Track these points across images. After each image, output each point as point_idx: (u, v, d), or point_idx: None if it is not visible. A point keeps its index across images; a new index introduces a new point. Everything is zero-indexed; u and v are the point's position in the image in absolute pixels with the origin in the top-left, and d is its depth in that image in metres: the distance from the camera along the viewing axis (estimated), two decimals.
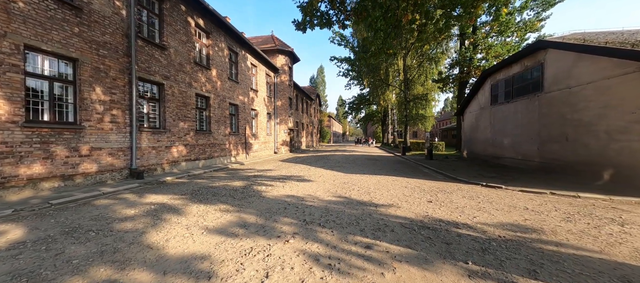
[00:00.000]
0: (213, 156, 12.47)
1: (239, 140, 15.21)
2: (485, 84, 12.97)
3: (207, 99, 12.27)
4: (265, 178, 7.99)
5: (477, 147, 13.91)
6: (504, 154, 11.23)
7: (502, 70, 11.48)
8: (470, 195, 5.57)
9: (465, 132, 15.42)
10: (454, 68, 18.62)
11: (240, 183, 7.05)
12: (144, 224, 3.63)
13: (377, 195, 5.54)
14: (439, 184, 7.07)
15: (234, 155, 14.42)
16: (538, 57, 9.11)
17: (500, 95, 11.65)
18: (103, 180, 7.22)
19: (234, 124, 15.12)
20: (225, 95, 13.69)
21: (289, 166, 11.90)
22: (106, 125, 7.31)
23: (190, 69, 10.82)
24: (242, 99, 15.57)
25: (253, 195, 5.49)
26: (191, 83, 10.92)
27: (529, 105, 9.57)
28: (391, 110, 33.74)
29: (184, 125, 10.42)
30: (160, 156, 9.22)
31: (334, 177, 8.30)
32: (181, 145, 10.29)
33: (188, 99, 10.70)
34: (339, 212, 4.33)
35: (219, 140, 13.04)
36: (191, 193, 5.80)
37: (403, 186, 6.68)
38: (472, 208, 4.58)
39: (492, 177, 8.08)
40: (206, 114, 12.32)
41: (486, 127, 12.81)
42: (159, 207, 4.60)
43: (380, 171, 9.98)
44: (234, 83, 14.62)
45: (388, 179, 7.85)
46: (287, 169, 10.53)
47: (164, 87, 9.44)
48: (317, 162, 13.68)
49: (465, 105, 15.28)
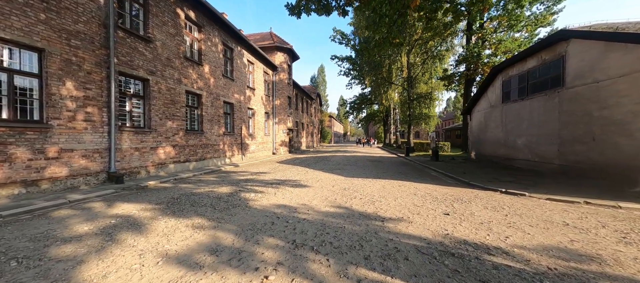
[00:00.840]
0: (205, 157, 11.71)
1: (235, 141, 14.45)
2: (495, 81, 12.14)
3: (199, 97, 11.51)
4: (257, 183, 7.20)
5: (486, 147, 13.06)
6: (517, 156, 10.38)
7: (515, 66, 10.64)
8: (492, 205, 4.75)
9: (473, 132, 14.57)
10: (460, 65, 17.78)
11: (227, 189, 6.27)
12: (88, 248, 2.85)
13: (382, 205, 4.74)
14: (452, 190, 6.26)
15: (228, 157, 13.66)
16: (558, 50, 8.28)
17: (513, 92, 10.81)
18: (75, 186, 6.46)
19: (229, 123, 14.36)
20: (219, 93, 12.93)
21: (286, 168, 11.12)
22: (79, 124, 6.56)
23: (179, 64, 10.07)
24: (237, 97, 14.81)
25: (238, 205, 4.71)
26: (181, 79, 10.16)
27: (547, 103, 8.74)
28: (393, 109, 32.91)
29: (172, 125, 9.66)
30: (144, 158, 8.46)
31: (334, 181, 7.50)
32: (169, 146, 9.53)
33: (177, 96, 9.95)
34: (338, 228, 3.54)
35: (212, 140, 12.28)
36: (168, 202, 5.02)
37: (411, 193, 5.87)
38: (500, 223, 3.77)
39: (509, 182, 7.25)
40: (198, 113, 11.56)
41: (497, 127, 11.96)
42: (120, 221, 3.83)
43: (384, 174, 9.18)
44: (228, 80, 13.87)
45: (394, 184, 7.04)
46: (283, 172, 9.74)
47: (149, 83, 8.68)
48: (316, 164, 12.89)
49: (473, 103, 14.44)
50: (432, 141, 14.80)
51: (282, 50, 21.12)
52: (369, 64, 22.26)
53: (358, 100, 40.89)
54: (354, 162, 14.20)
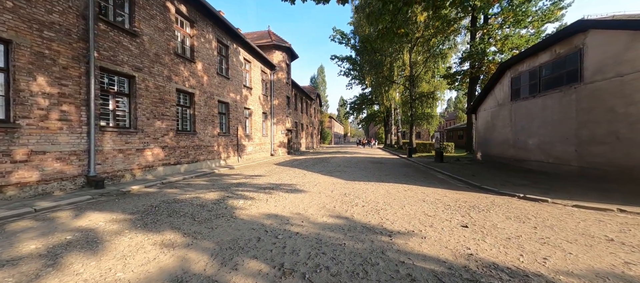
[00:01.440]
0: (198, 159, 11.11)
1: (230, 142, 13.86)
2: (503, 78, 11.53)
3: (191, 96, 10.93)
4: (250, 188, 6.59)
5: (493, 148, 12.44)
6: (528, 157, 9.76)
7: (525, 61, 10.04)
8: (515, 215, 4.13)
9: (479, 132, 13.96)
10: (464, 62, 17.19)
11: (215, 195, 5.66)
12: (18, 278, 2.24)
13: (388, 215, 4.13)
14: (464, 196, 5.65)
15: (223, 158, 13.06)
16: (575, 42, 7.68)
17: (524, 89, 10.21)
18: (48, 192, 5.86)
19: (225, 123, 13.78)
20: (214, 91, 12.35)
21: (283, 171, 10.52)
22: (53, 124, 5.97)
23: (169, 60, 9.49)
24: (233, 96, 14.23)
25: (222, 215, 4.10)
26: (171, 77, 9.58)
27: (562, 99, 8.13)
28: (394, 110, 32.31)
29: (161, 125, 9.07)
30: (129, 160, 7.86)
31: (333, 185, 6.89)
32: (157, 147, 8.93)
33: (167, 94, 9.36)
34: (337, 246, 2.93)
35: (206, 141, 11.69)
36: (145, 211, 4.41)
37: (420, 199, 5.26)
38: (531, 238, 3.16)
39: (524, 186, 6.64)
40: (190, 112, 10.97)
41: (505, 126, 11.35)
42: (79, 237, 3.23)
43: (387, 177, 8.56)
44: (224, 79, 13.29)
45: (399, 189, 6.43)
46: (279, 175, 9.14)
47: (135, 80, 8.10)
48: (315, 166, 12.28)
49: (478, 102, 13.83)
50: (436, 142, 14.19)
51: (280, 49, 20.56)
52: (369, 63, 21.69)
53: (358, 100, 40.31)
54: (355, 163, 13.58)
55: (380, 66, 19.71)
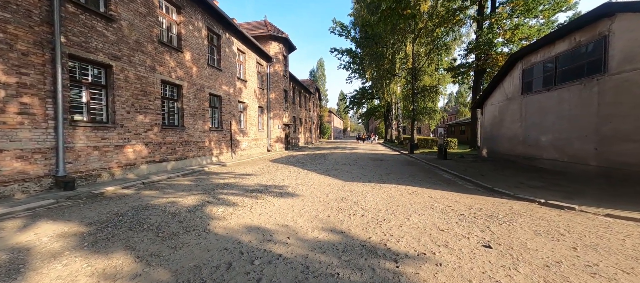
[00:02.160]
0: (187, 156, 10.42)
1: (223, 137, 13.16)
2: (514, 70, 10.78)
3: (179, 88, 10.18)
4: (236, 190, 5.92)
5: (501, 145, 11.76)
6: (541, 155, 9.09)
7: (539, 51, 9.28)
8: (544, 228, 3.47)
9: (485, 128, 13.26)
10: (469, 54, 16.36)
11: (194, 199, 4.99)
12: None
13: (392, 228, 3.46)
14: (477, 201, 4.98)
15: (215, 155, 12.38)
16: (599, 28, 6.92)
17: (537, 81, 9.47)
18: (8, 195, 5.18)
19: (217, 118, 13.05)
20: (204, 84, 11.59)
21: (277, 169, 9.85)
22: (12, 118, 5.26)
23: (152, 49, 8.71)
24: (226, 89, 13.47)
25: (194, 228, 3.43)
26: (155, 67, 8.82)
27: (582, 92, 7.41)
28: (395, 104, 31.52)
29: (144, 119, 8.35)
30: (106, 158, 7.18)
31: (329, 187, 6.22)
32: (140, 143, 8.24)
33: (150, 86, 8.62)
34: (329, 277, 2.26)
35: (196, 137, 10.98)
36: (105, 221, 3.74)
37: (428, 205, 4.59)
38: (576, 267, 2.49)
39: (541, 188, 5.97)
40: (178, 106, 10.24)
41: (514, 121, 10.65)
42: (3, 260, 2.55)
43: (389, 176, 7.90)
44: (215, 70, 12.51)
45: (402, 191, 5.76)
46: (271, 174, 8.47)
47: (112, 69, 7.35)
48: (311, 163, 11.61)
49: (485, 96, 13.09)
50: (440, 138, 13.50)
51: (277, 40, 19.68)
52: (370, 55, 20.80)
53: (358, 94, 39.41)
54: (354, 160, 12.92)
55: (381, 58, 18.87)
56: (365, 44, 20.25)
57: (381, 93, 25.22)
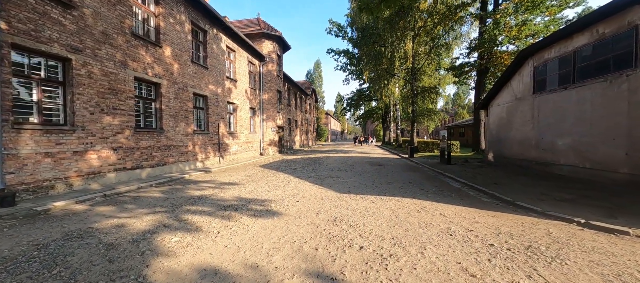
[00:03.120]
0: (167, 162, 9.40)
1: (210, 141, 12.15)
2: (524, 67, 9.95)
3: (157, 86, 9.18)
4: (208, 206, 4.94)
5: (509, 148, 10.91)
6: (557, 160, 8.22)
7: (553, 46, 8.45)
8: (612, 270, 2.53)
9: (491, 130, 12.42)
10: (472, 53, 15.58)
11: (149, 221, 4.00)
12: None
13: (404, 272, 2.51)
14: (502, 220, 4.06)
15: (200, 160, 11.36)
16: (628, 17, 6.08)
17: (551, 79, 8.63)
18: None
19: (203, 120, 12.06)
20: (187, 82, 10.61)
21: (265, 176, 8.87)
22: None
23: (123, 42, 7.73)
24: (213, 89, 12.48)
25: (124, 275, 2.44)
26: (126, 62, 7.83)
27: (607, 91, 6.56)
28: (393, 106, 30.71)
29: (112, 121, 7.35)
30: (62, 166, 6.15)
31: (321, 201, 5.26)
32: (107, 148, 7.22)
33: (121, 83, 7.62)
34: None
35: (177, 140, 9.97)
36: (11, 258, 2.75)
37: (444, 230, 3.65)
38: None
39: (568, 201, 5.08)
40: (155, 106, 9.24)
41: (525, 124, 9.80)
42: None
43: (390, 186, 6.96)
44: (200, 68, 11.53)
45: (409, 207, 4.82)
46: (257, 183, 7.48)
47: (71, 64, 6.35)
48: (304, 169, 10.64)
49: (491, 96, 12.26)
50: (442, 140, 12.62)
51: (270, 38, 18.76)
52: (368, 55, 19.91)
53: (355, 96, 38.60)
54: (351, 165, 11.97)
55: (379, 58, 18.03)
56: (362, 43, 19.40)
57: (379, 94, 24.37)
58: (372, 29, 17.69)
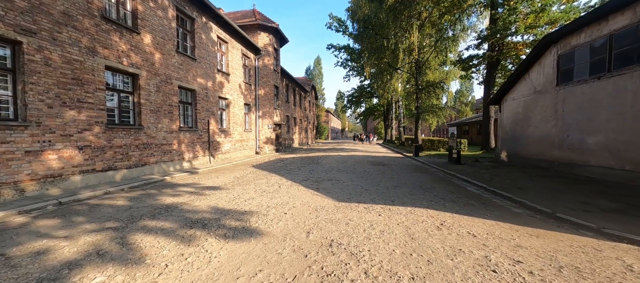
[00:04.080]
0: (146, 162, 8.44)
1: (198, 139, 11.18)
2: (544, 56, 8.92)
3: (134, 78, 8.20)
4: (171, 221, 3.97)
5: (526, 147, 9.91)
6: (586, 161, 7.23)
7: (583, 31, 7.42)
8: None
9: (505, 127, 11.40)
10: (483, 44, 14.52)
11: (85, 244, 3.05)
12: None
13: None
14: (552, 242, 3.10)
15: (188, 159, 10.40)
16: None
17: (580, 68, 7.61)
18: None
19: (191, 116, 11.08)
20: (172, 74, 9.62)
21: (255, 178, 7.91)
22: None
23: (91, 25, 6.73)
24: (202, 82, 11.49)
25: None
26: (95, 49, 6.84)
27: None
28: (396, 102, 29.67)
29: (76, 116, 6.38)
30: (10, 169, 5.19)
31: (315, 213, 4.29)
32: (71, 147, 6.26)
33: (88, 73, 6.64)
34: None
35: (159, 138, 9.01)
36: None
37: (480, 261, 2.67)
38: None
39: (618, 212, 4.11)
40: (133, 100, 8.26)
41: (546, 119, 8.79)
42: None
43: (398, 192, 5.98)
44: (187, 59, 10.53)
45: (426, 222, 3.84)
46: (243, 187, 6.52)
47: (22, 48, 5.38)
48: (301, 170, 9.66)
49: (505, 90, 11.24)
50: (451, 139, 11.62)
51: (266, 30, 17.71)
52: (369, 48, 18.81)
53: (356, 93, 37.50)
54: (352, 166, 10.99)
55: (382, 51, 16.98)
56: (364, 36, 18.33)
57: (381, 91, 23.31)
58: (374, 21, 16.61)
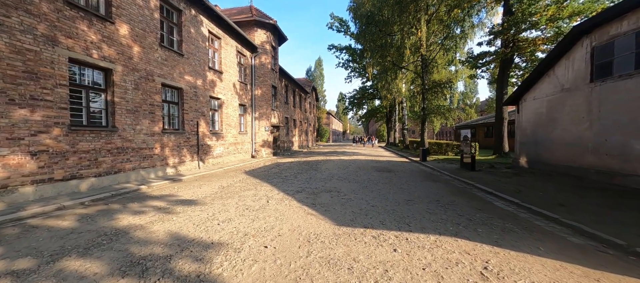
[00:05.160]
0: (121, 169, 7.42)
1: (185, 142, 10.16)
2: (574, 49, 7.84)
3: (107, 73, 7.21)
4: (105, 260, 2.94)
5: (551, 152, 8.80)
6: (634, 169, 6.11)
7: (624, 17, 6.34)
8: None
9: (524, 130, 10.30)
10: (495, 39, 13.45)
11: None
12: None
13: None
14: None
15: (173, 165, 9.37)
16: None
17: (621, 62, 6.52)
18: None
19: (178, 116, 10.07)
20: (154, 70, 8.63)
21: (240, 190, 6.85)
22: None
23: (50, 10, 5.75)
24: (191, 80, 10.50)
25: None
26: (56, 38, 5.86)
27: None
28: (400, 103, 28.58)
29: (29, 116, 5.38)
30: None
31: (307, 246, 3.23)
32: (20, 153, 5.25)
33: (46, 65, 5.65)
34: None
35: (138, 141, 8.00)
36: None
37: None
38: None
39: None
40: (106, 98, 7.26)
41: (577, 121, 7.69)
42: None
43: (413, 209, 4.90)
44: (173, 55, 9.54)
45: (461, 261, 2.79)
46: (224, 202, 5.46)
47: None
48: (296, 178, 8.60)
49: (524, 89, 10.15)
50: (464, 142, 10.53)
51: (263, 27, 16.75)
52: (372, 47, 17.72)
53: (358, 94, 36.41)
54: (354, 172, 9.91)
55: (386, 48, 15.94)
56: (366, 33, 17.30)
57: (384, 91, 22.25)
58: (377, 17, 15.60)
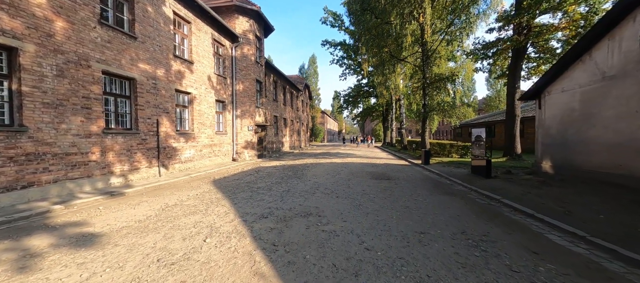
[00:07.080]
0: (35, 182, 5.56)
1: (140, 144, 8.30)
2: (622, 27, 6.21)
3: (10, 52, 5.34)
4: None
5: (587, 156, 7.19)
6: None
7: None
8: None
9: (548, 128, 8.68)
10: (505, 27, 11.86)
11: None
12: None
13: None
14: None
15: (121, 173, 7.51)
16: None
17: None
18: None
19: (130, 113, 8.21)
20: (89, 54, 6.75)
21: (182, 216, 5.05)
22: None
23: None
24: (148, 69, 8.63)
25: None
26: None
27: None
28: (397, 101, 26.97)
29: None
30: None
31: None
32: None
33: None
34: None
35: (63, 145, 6.13)
36: None
37: None
38: None
39: None
40: (9, 87, 5.38)
41: (627, 115, 6.09)
42: None
43: (430, 252, 3.22)
44: (120, 36, 7.66)
45: None
46: (137, 242, 3.69)
47: None
48: (271, 191, 6.80)
49: (548, 80, 8.53)
50: (476, 145, 8.88)
51: (245, 13, 14.88)
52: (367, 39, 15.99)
53: (353, 92, 34.73)
54: (346, 180, 8.17)
55: (383, 38, 14.25)
56: (361, 22, 15.57)
57: (381, 88, 20.58)
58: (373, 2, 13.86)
